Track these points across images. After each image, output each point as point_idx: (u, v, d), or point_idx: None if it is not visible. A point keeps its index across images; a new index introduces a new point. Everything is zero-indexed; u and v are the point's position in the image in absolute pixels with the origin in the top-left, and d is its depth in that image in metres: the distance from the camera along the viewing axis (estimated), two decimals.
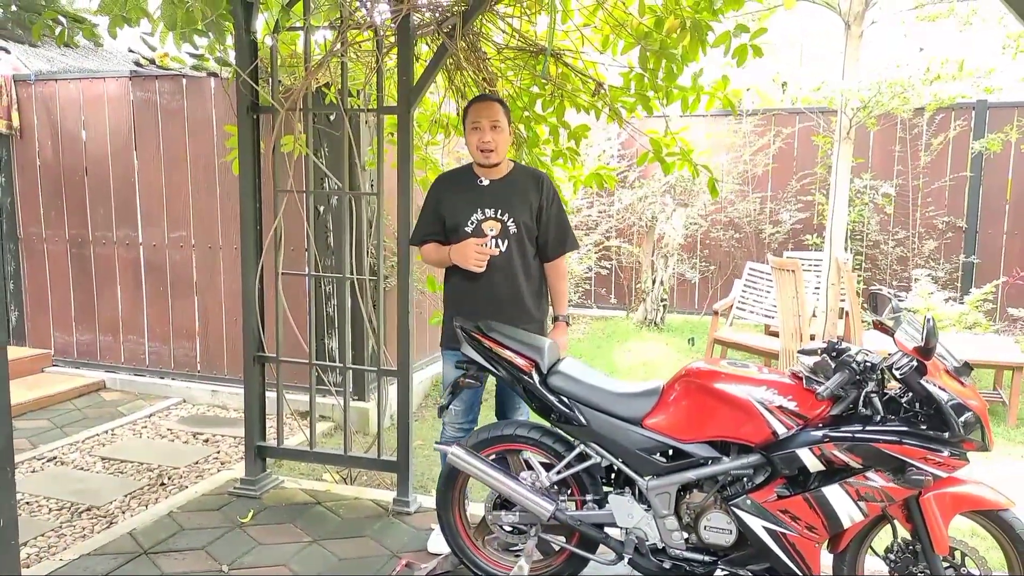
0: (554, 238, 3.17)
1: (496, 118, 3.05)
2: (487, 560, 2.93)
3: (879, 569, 2.69)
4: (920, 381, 2.33)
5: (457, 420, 3.20)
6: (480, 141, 3.04)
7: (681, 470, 2.58)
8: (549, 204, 3.15)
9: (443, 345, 3.26)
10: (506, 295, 3.10)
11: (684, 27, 3.23)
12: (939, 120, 7.70)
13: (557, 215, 3.18)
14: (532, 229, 3.13)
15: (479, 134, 3.04)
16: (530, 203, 3.11)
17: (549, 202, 3.15)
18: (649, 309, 7.35)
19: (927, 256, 7.83)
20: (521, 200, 3.11)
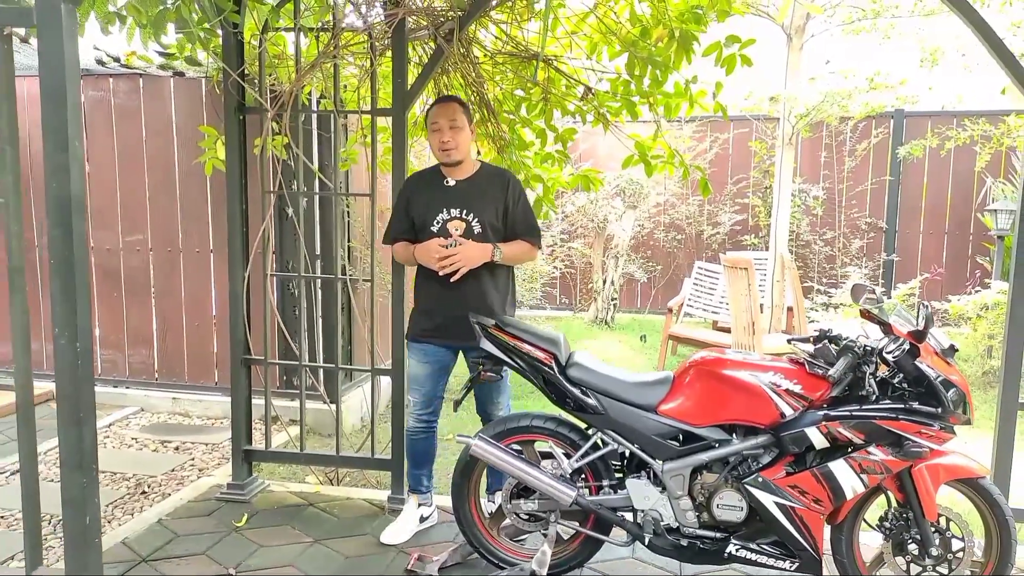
0: (520, 233, 3.25)
1: (454, 117, 3.15)
2: (503, 548, 3.02)
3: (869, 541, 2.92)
4: (914, 362, 2.56)
5: (415, 411, 3.36)
6: (440, 141, 3.15)
7: (694, 453, 2.74)
8: (515, 204, 3.23)
9: (408, 337, 3.38)
10: (470, 294, 3.17)
11: (672, 36, 3.42)
12: (861, 128, 8.25)
13: (524, 215, 3.26)
14: (498, 229, 3.21)
15: (439, 135, 3.15)
16: (496, 203, 3.20)
17: (515, 202, 3.23)
18: (600, 308, 7.57)
19: (853, 255, 8.35)
20: (486, 200, 3.19)
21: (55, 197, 1.58)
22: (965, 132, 7.36)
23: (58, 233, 1.59)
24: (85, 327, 1.61)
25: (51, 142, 1.56)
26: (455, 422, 5.17)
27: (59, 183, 1.57)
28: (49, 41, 1.55)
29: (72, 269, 1.60)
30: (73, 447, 1.62)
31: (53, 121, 1.55)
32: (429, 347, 3.28)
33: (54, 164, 1.57)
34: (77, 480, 1.63)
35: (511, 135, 3.98)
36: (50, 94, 1.56)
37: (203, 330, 5.34)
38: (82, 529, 1.64)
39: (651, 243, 8.81)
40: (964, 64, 7.29)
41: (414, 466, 3.48)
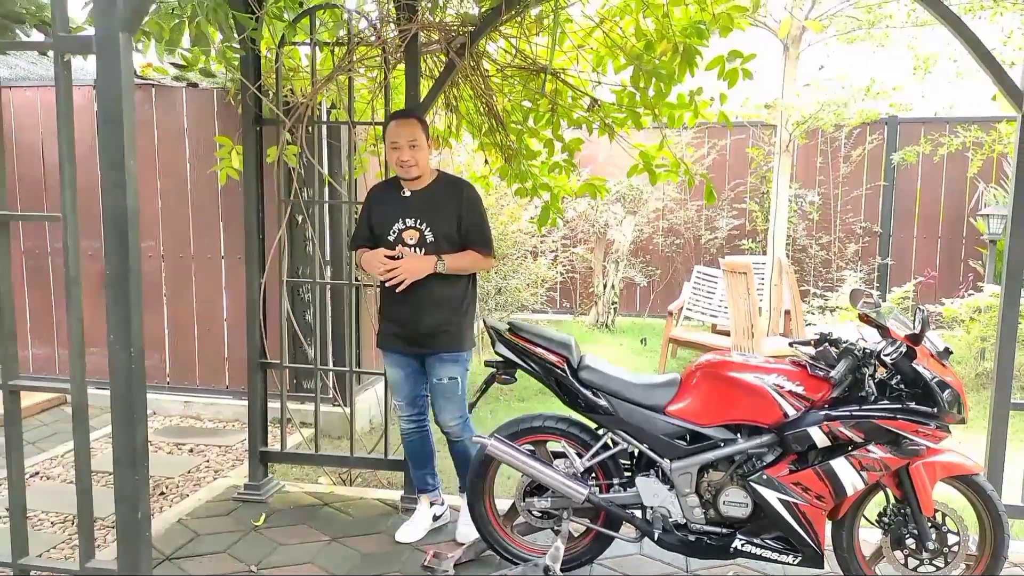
0: (472, 243, 3.28)
1: (414, 137, 3.18)
2: (517, 545, 3.13)
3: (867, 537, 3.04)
4: (911, 364, 2.69)
5: (402, 413, 3.47)
6: (398, 159, 3.19)
7: (701, 452, 2.86)
8: (468, 213, 3.27)
9: (378, 346, 3.46)
10: (423, 304, 3.23)
11: (675, 50, 3.54)
12: (856, 135, 8.39)
13: (478, 224, 3.30)
14: (453, 239, 3.25)
15: (398, 153, 3.19)
16: (450, 213, 3.25)
17: (468, 211, 3.27)
18: (600, 312, 7.69)
19: (849, 259, 8.49)
20: (441, 211, 3.25)
21: (111, 211, 1.69)
22: (958, 139, 7.50)
23: (114, 245, 1.70)
24: (137, 333, 1.72)
25: (107, 160, 1.67)
26: None
27: (115, 198, 1.68)
28: (107, 67, 1.66)
29: (127, 279, 1.71)
30: (126, 446, 1.73)
31: (110, 141, 1.66)
32: (396, 355, 3.37)
33: (110, 180, 1.68)
34: (130, 477, 1.74)
35: (519, 145, 4.10)
36: (107, 116, 1.67)
37: (214, 335, 5.44)
38: (135, 523, 1.75)
39: (650, 248, 8.94)
40: (957, 72, 7.43)
41: (416, 467, 3.58)
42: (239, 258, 5.24)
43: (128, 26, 1.66)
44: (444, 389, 3.32)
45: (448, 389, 3.32)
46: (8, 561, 1.89)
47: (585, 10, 3.67)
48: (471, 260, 3.30)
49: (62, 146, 1.70)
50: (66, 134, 1.70)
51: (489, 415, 5.47)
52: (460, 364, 3.35)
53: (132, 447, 1.72)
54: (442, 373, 3.31)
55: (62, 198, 1.72)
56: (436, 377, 3.32)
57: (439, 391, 3.33)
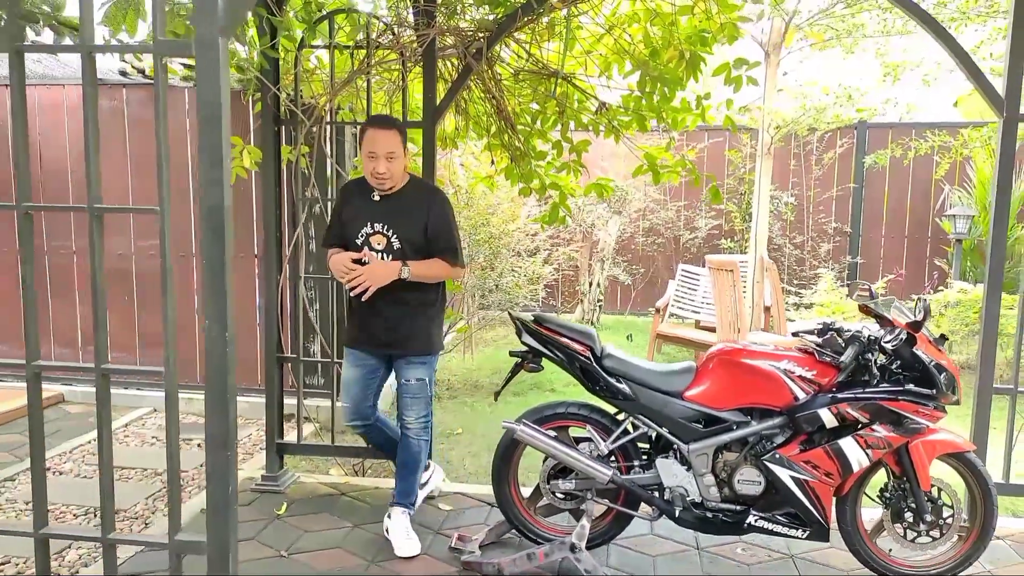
0: (438, 251, 3.28)
1: (392, 149, 3.13)
2: (540, 525, 3.30)
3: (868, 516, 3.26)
4: (912, 350, 2.91)
5: (347, 418, 3.51)
6: (375, 171, 3.15)
7: (717, 434, 3.06)
8: (436, 220, 3.26)
9: (344, 344, 3.50)
10: (388, 308, 3.27)
11: (681, 57, 3.74)
12: (827, 139, 8.73)
13: (445, 232, 3.29)
14: (419, 246, 3.25)
15: (374, 163, 3.14)
16: (417, 220, 3.24)
17: (435, 218, 3.26)
18: (587, 309, 7.89)
19: (822, 257, 8.83)
20: (408, 217, 3.24)
21: (209, 206, 1.80)
22: (926, 142, 7.87)
23: (210, 238, 1.82)
24: (232, 321, 1.84)
25: (207, 159, 1.79)
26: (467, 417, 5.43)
27: (213, 194, 1.80)
28: (206, 70, 1.78)
29: (223, 269, 1.83)
30: (220, 427, 1.85)
31: (209, 140, 1.78)
32: (358, 352, 3.41)
33: (209, 178, 1.79)
34: (222, 455, 1.86)
35: (526, 146, 4.26)
36: (206, 117, 1.79)
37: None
38: (225, 497, 1.87)
39: (632, 247, 9.18)
40: (924, 79, 7.79)
41: (386, 456, 3.72)
42: (243, 256, 5.32)
43: (226, 31, 1.78)
44: (412, 389, 3.38)
45: (415, 389, 3.38)
46: (98, 536, 1.99)
47: (595, 17, 3.85)
48: (438, 268, 3.30)
49: (160, 146, 1.82)
50: (163, 134, 1.82)
51: (488, 408, 5.62)
52: (428, 366, 3.40)
53: (225, 426, 1.85)
54: (410, 375, 3.35)
55: (159, 194, 1.84)
56: (404, 378, 3.37)
57: (406, 391, 3.38)
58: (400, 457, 3.46)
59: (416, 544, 3.36)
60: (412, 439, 3.44)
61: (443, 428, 5.22)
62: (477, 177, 4.90)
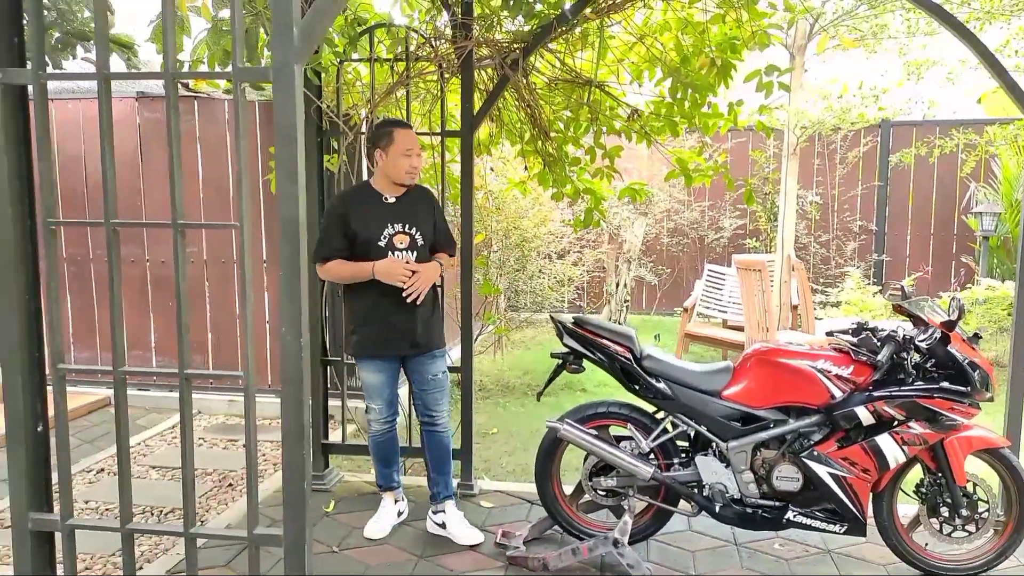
0: (443, 245, 3.55)
1: (420, 146, 3.43)
2: (582, 522, 3.40)
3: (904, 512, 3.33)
4: (946, 348, 2.99)
5: (381, 416, 3.54)
6: (411, 166, 3.34)
7: (755, 432, 3.15)
8: (439, 216, 3.55)
9: (359, 355, 3.46)
10: (419, 307, 3.38)
11: (712, 64, 3.83)
12: (851, 137, 8.76)
13: (446, 228, 3.58)
14: (431, 239, 3.48)
15: (411, 159, 3.33)
16: (428, 217, 3.47)
17: (439, 214, 3.55)
18: (613, 310, 7.97)
19: (848, 256, 8.85)
20: (422, 214, 3.45)
21: (285, 218, 1.93)
22: (952, 140, 7.88)
23: (287, 248, 1.94)
24: (306, 328, 1.97)
25: (283, 174, 1.91)
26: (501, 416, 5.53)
27: (289, 207, 1.92)
28: (282, 94, 1.91)
29: (299, 277, 1.95)
30: (296, 423, 1.97)
31: (285, 157, 1.91)
32: (378, 360, 3.45)
33: (285, 191, 1.92)
34: (298, 451, 1.98)
35: (560, 152, 4.37)
36: (283, 137, 1.91)
37: (256, 337, 5.65)
38: (300, 490, 2.00)
39: (657, 248, 9.26)
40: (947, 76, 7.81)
41: (385, 465, 3.68)
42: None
43: (300, 59, 1.91)
44: (439, 383, 3.53)
45: (442, 383, 3.54)
46: (180, 531, 2.12)
47: (628, 27, 3.95)
48: (448, 262, 3.59)
49: (241, 161, 1.94)
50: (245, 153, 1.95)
51: (522, 409, 5.73)
52: (445, 359, 3.60)
53: (299, 423, 1.97)
54: (435, 369, 3.51)
55: (240, 209, 1.96)
56: (431, 373, 3.50)
57: (434, 386, 3.51)
58: (436, 453, 3.61)
59: (478, 532, 3.53)
60: (443, 433, 3.59)
61: (477, 428, 5.31)
62: (511, 182, 5.01)
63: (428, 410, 3.56)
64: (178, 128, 2.02)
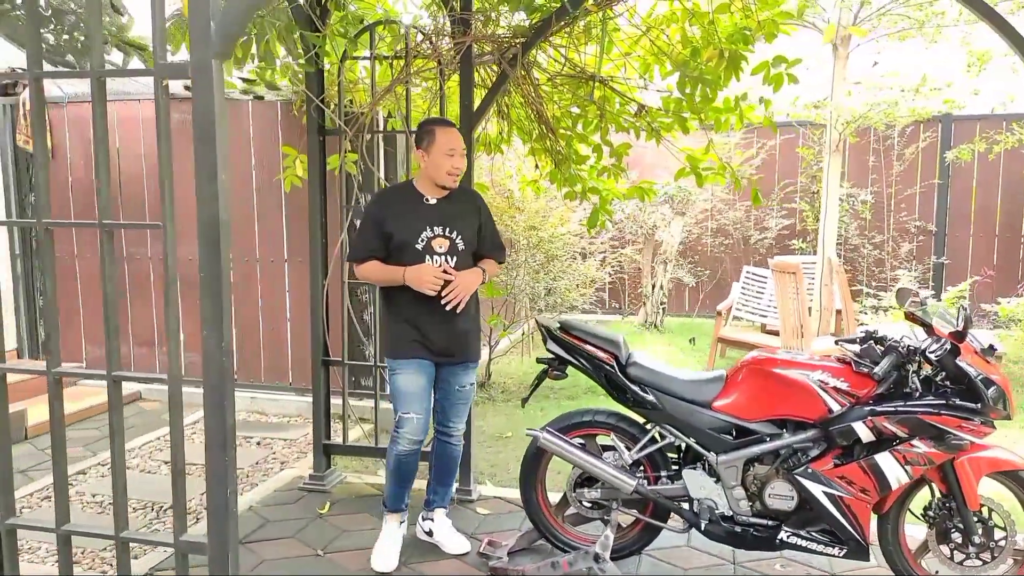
0: (489, 251, 3.35)
1: (464, 148, 3.22)
2: (567, 534, 3.28)
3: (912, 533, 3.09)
4: (955, 361, 2.74)
5: (414, 435, 3.21)
6: (453, 167, 3.14)
7: (747, 446, 2.96)
8: (487, 220, 3.35)
9: (397, 354, 3.21)
10: (461, 315, 3.20)
11: (721, 56, 3.64)
12: (909, 132, 8.30)
13: (492, 230, 3.39)
14: (475, 245, 3.29)
15: (454, 160, 3.14)
16: (472, 221, 3.28)
17: (486, 218, 3.35)
18: (649, 312, 7.78)
19: (902, 258, 8.40)
20: (465, 218, 3.26)
21: (205, 220, 1.88)
22: (1014, 135, 7.38)
23: (206, 251, 1.90)
24: (228, 329, 1.91)
25: (202, 175, 1.86)
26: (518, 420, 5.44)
27: (208, 209, 1.87)
28: (201, 91, 1.86)
29: (219, 281, 1.90)
30: (218, 430, 1.92)
31: (204, 158, 1.86)
32: (422, 362, 3.21)
33: (204, 193, 1.87)
34: (221, 457, 1.93)
35: (567, 150, 4.24)
36: (201, 135, 1.87)
37: (278, 334, 5.71)
38: (224, 500, 1.94)
39: (699, 248, 8.99)
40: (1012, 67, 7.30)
41: (400, 485, 3.35)
42: (301, 261, 5.50)
43: (220, 55, 1.86)
44: (466, 395, 3.37)
45: (468, 395, 3.39)
46: (111, 534, 2.10)
47: (632, 19, 3.79)
48: (494, 268, 3.39)
49: (163, 163, 1.90)
50: (166, 152, 1.90)
51: (539, 412, 5.62)
52: (476, 369, 3.43)
53: (223, 429, 1.92)
54: (465, 380, 3.34)
55: (163, 210, 1.93)
56: (460, 384, 3.33)
57: (461, 397, 3.35)
58: (443, 462, 3.50)
59: (465, 541, 3.44)
60: (456, 445, 3.47)
61: (494, 431, 5.25)
62: (523, 181, 4.91)
63: (448, 421, 3.40)
64: (104, 128, 1.99)
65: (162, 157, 1.90)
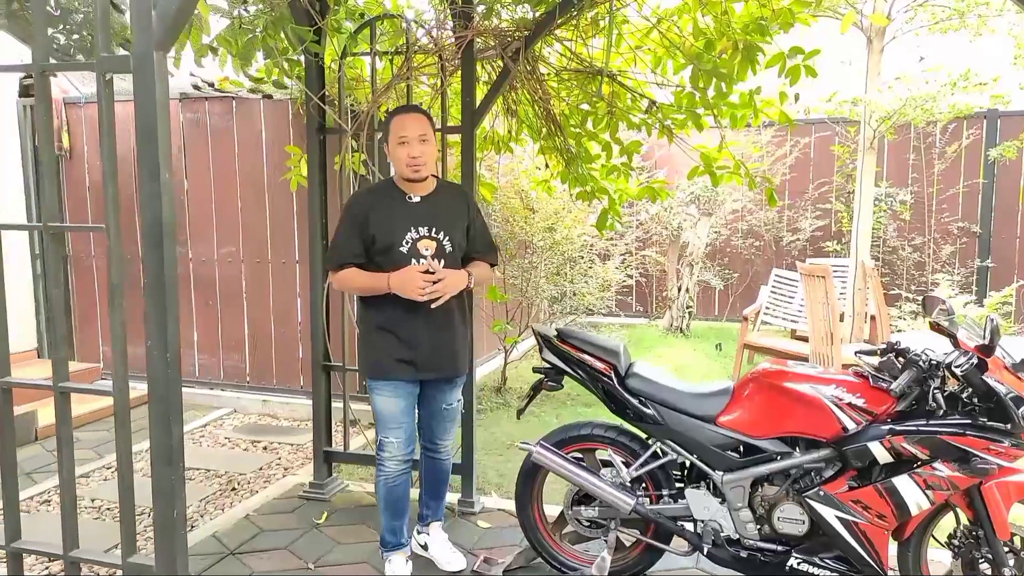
0: (480, 253, 3.10)
1: (424, 132, 2.89)
2: (565, 553, 3.10)
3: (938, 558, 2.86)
4: (982, 377, 2.51)
5: (398, 452, 3.04)
6: (408, 156, 2.86)
7: (754, 465, 2.76)
8: (476, 218, 3.10)
9: (377, 375, 2.98)
10: (444, 321, 2.98)
11: (736, 48, 3.43)
12: (952, 129, 7.92)
13: (482, 229, 3.13)
14: (463, 246, 3.04)
15: (407, 148, 2.86)
16: (460, 220, 3.03)
17: (475, 218, 3.09)
18: (675, 316, 7.54)
19: (944, 261, 8.02)
20: (453, 217, 3.00)
21: (148, 221, 1.76)
22: None
23: (151, 254, 1.77)
24: (174, 338, 1.78)
25: (145, 172, 1.74)
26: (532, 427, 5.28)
27: (152, 209, 1.75)
28: (143, 84, 1.74)
29: (164, 286, 1.78)
30: (163, 444, 1.80)
31: (146, 154, 1.74)
32: (403, 383, 2.98)
33: (148, 192, 1.75)
34: (167, 475, 1.81)
35: (577, 148, 4.06)
36: (143, 131, 1.74)
37: (289, 337, 5.64)
38: (171, 521, 1.82)
39: (728, 250, 8.71)
40: None
41: (395, 516, 3.12)
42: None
43: (162, 45, 1.73)
44: (453, 413, 3.21)
45: (456, 412, 3.23)
46: (60, 553, 2.00)
47: (641, 10, 3.60)
48: (486, 272, 3.11)
49: (105, 162, 1.79)
50: (109, 150, 1.79)
51: (555, 419, 5.45)
52: (462, 385, 3.23)
53: (168, 445, 1.80)
54: (452, 397, 3.15)
55: (105, 211, 1.81)
56: (447, 403, 3.15)
57: (448, 415, 3.18)
58: (434, 477, 3.35)
59: (461, 557, 3.28)
60: (445, 459, 3.32)
61: (506, 438, 5.09)
62: (535, 181, 4.74)
63: (435, 439, 3.23)
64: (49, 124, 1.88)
65: (105, 155, 1.79)
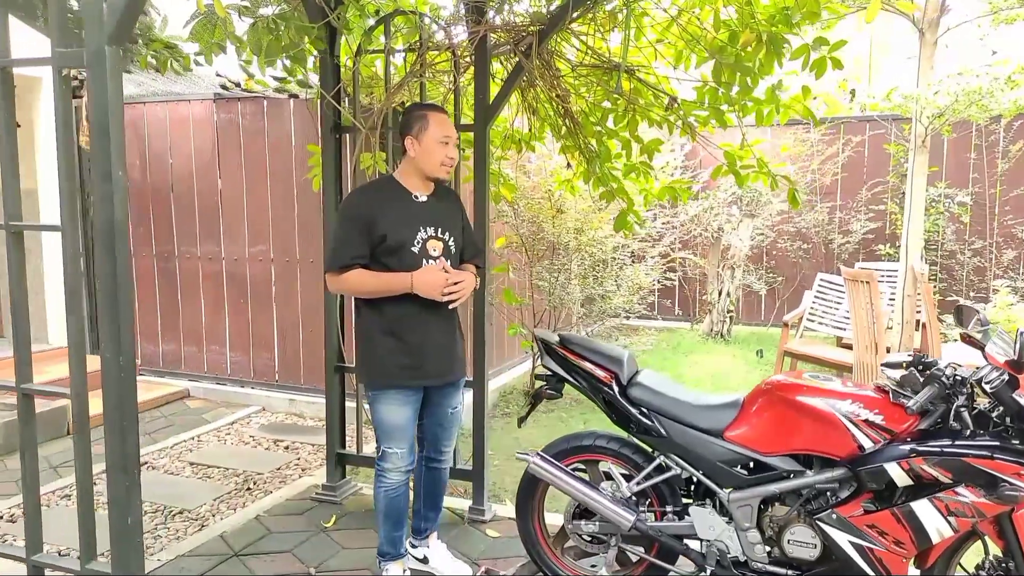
0: (470, 256, 3.07)
1: (458, 137, 2.93)
2: (565, 568, 2.98)
3: None
4: (1012, 395, 2.29)
5: (402, 464, 2.94)
6: (447, 156, 2.83)
7: (763, 483, 2.59)
8: (466, 220, 3.09)
9: (382, 386, 2.86)
10: (447, 325, 2.93)
11: (760, 40, 3.25)
12: (1017, 127, 7.48)
13: (471, 232, 3.13)
14: (461, 248, 3.01)
15: (447, 149, 2.82)
16: (458, 221, 3.00)
17: (465, 219, 3.08)
18: (715, 321, 7.29)
19: (1006, 266, 7.58)
20: (453, 218, 2.97)
21: (101, 223, 1.71)
22: None
23: (103, 256, 1.73)
24: (128, 343, 1.73)
25: (98, 172, 1.70)
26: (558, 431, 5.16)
27: (104, 211, 1.70)
28: (96, 80, 1.69)
29: (116, 291, 1.73)
30: (117, 451, 1.75)
31: (99, 152, 1.69)
32: (406, 391, 2.88)
33: (100, 193, 1.70)
34: (121, 482, 1.76)
35: (598, 147, 3.93)
36: (97, 128, 1.70)
37: (317, 336, 5.62)
38: (125, 528, 1.78)
39: (774, 253, 8.40)
40: None
41: (395, 527, 3.03)
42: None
43: (115, 40, 1.68)
44: (456, 417, 3.11)
45: (458, 416, 3.13)
46: (23, 556, 1.98)
47: (660, 2, 3.45)
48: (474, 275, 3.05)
49: (60, 160, 1.75)
50: (65, 146, 1.75)
51: (583, 423, 5.32)
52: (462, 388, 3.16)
53: (123, 452, 1.75)
54: (455, 401, 3.07)
55: (60, 210, 1.77)
56: (451, 406, 3.05)
57: (451, 420, 3.08)
58: (434, 489, 3.25)
59: (464, 566, 3.21)
60: (446, 469, 3.23)
61: (527, 443, 4.98)
62: (558, 181, 4.62)
63: (441, 446, 3.14)
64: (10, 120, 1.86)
65: (62, 152, 1.75)
